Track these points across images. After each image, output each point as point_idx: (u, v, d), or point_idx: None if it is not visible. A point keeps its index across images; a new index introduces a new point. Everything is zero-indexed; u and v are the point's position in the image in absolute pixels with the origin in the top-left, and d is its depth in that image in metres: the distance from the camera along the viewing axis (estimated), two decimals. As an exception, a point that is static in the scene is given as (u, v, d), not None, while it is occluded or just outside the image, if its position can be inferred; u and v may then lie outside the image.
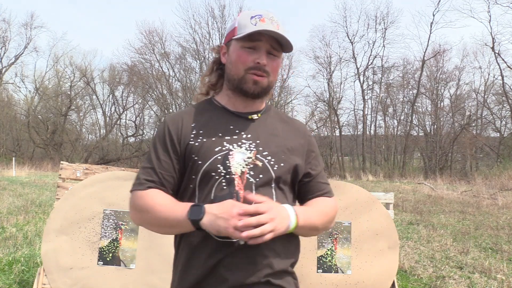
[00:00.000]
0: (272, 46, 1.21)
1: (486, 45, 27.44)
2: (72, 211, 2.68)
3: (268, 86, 1.24)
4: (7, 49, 31.56)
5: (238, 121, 1.25)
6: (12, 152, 29.45)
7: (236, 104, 1.27)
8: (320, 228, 1.25)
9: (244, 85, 1.22)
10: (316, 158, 1.33)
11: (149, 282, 2.61)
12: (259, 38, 1.19)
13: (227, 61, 1.26)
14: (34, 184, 12.95)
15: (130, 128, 34.23)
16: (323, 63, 31.35)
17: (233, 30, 1.23)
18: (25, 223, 6.28)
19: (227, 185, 1.16)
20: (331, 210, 1.29)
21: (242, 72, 1.21)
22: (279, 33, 1.18)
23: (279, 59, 1.25)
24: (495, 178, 15.67)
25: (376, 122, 31.23)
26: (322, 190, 1.31)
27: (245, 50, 1.20)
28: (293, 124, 1.34)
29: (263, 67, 1.20)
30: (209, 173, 1.17)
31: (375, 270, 2.73)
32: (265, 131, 1.25)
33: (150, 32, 30.87)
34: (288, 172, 1.23)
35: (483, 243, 5.84)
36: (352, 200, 2.81)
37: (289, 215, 1.13)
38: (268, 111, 1.32)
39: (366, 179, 21.42)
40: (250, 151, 1.20)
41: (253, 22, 1.19)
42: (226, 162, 1.18)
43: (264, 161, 1.20)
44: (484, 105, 28.90)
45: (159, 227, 1.18)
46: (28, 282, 3.65)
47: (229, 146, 1.20)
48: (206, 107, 1.29)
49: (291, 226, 1.12)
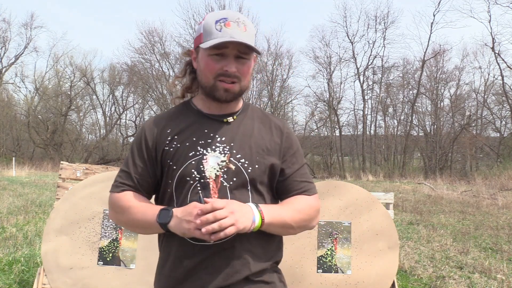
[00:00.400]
0: (239, 50, 1.18)
1: (486, 45, 27.47)
2: (72, 211, 2.68)
3: (240, 91, 1.23)
4: (7, 49, 31.61)
5: (213, 125, 1.24)
6: (12, 152, 29.46)
7: (211, 108, 1.26)
8: (294, 226, 1.22)
9: (216, 93, 1.21)
10: (294, 156, 1.29)
11: (149, 282, 2.61)
12: (225, 45, 1.16)
13: (198, 68, 1.25)
14: (34, 184, 12.95)
15: (130, 128, 34.26)
16: (323, 63, 31.38)
17: (199, 36, 1.21)
18: (25, 223, 6.28)
19: (201, 189, 1.18)
20: (307, 207, 1.25)
21: (212, 81, 1.20)
22: (242, 42, 1.15)
23: (250, 61, 1.22)
24: (495, 178, 15.68)
25: (376, 122, 31.27)
26: (299, 189, 1.27)
27: (212, 58, 1.18)
28: (270, 123, 1.31)
29: (232, 74, 1.18)
30: (184, 178, 1.19)
31: (375, 270, 2.73)
32: (240, 133, 1.24)
33: (150, 32, 30.89)
34: (263, 173, 1.22)
35: (483, 243, 5.84)
36: (352, 200, 2.81)
37: (252, 211, 1.12)
38: (245, 111, 1.31)
39: (366, 179, 21.42)
40: (224, 154, 1.20)
41: (217, 28, 1.16)
42: (200, 167, 1.19)
43: (237, 164, 1.20)
44: (484, 105, 28.91)
45: (134, 227, 1.23)
46: (28, 282, 3.65)
47: (203, 150, 1.20)
48: (183, 111, 1.30)
49: (256, 222, 1.12)
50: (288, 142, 1.30)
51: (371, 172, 24.32)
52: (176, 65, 31.20)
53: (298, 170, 1.29)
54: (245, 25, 1.18)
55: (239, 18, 1.18)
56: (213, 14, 1.20)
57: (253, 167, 1.21)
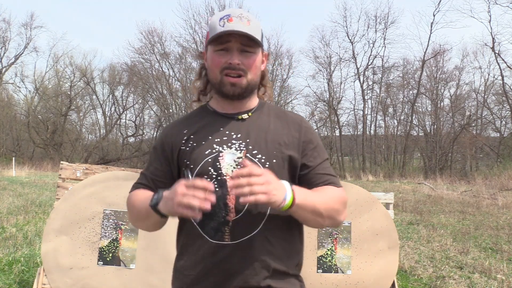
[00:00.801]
0: (243, 43, 1.18)
1: (486, 45, 27.48)
2: (72, 211, 2.68)
3: (248, 85, 1.22)
4: (7, 49, 31.62)
5: (228, 123, 1.25)
6: (12, 152, 29.45)
7: (224, 107, 1.27)
8: (324, 214, 1.14)
9: (223, 88, 1.22)
10: (315, 150, 1.26)
11: (149, 282, 2.61)
12: (228, 39, 1.17)
13: (207, 67, 1.27)
14: (34, 184, 12.95)
15: (130, 128, 34.29)
16: (323, 63, 31.37)
17: (207, 35, 1.24)
18: (25, 223, 6.28)
19: (219, 186, 1.16)
20: (336, 197, 1.19)
21: (219, 76, 1.21)
22: (242, 31, 1.15)
23: (255, 54, 1.21)
24: (495, 178, 15.66)
25: (376, 122, 31.26)
26: (324, 181, 1.22)
27: (217, 53, 1.20)
28: (287, 118, 1.29)
29: (236, 66, 1.18)
30: (201, 176, 1.18)
31: (375, 270, 2.73)
32: (256, 129, 1.24)
33: (150, 32, 30.89)
34: (282, 167, 1.20)
35: (483, 243, 5.84)
36: (352, 200, 2.81)
37: (285, 188, 1.06)
38: (261, 108, 1.30)
39: (366, 179, 21.42)
40: (240, 151, 1.20)
41: (221, 24, 1.17)
42: (217, 164, 1.18)
43: (254, 160, 1.18)
44: (484, 105, 28.91)
45: (139, 221, 1.23)
46: (28, 282, 3.65)
47: (219, 147, 1.20)
48: (199, 113, 1.31)
49: (287, 199, 1.04)
50: (308, 137, 1.27)
51: (371, 172, 24.31)
52: (176, 65, 31.25)
53: (320, 163, 1.25)
54: (249, 20, 1.18)
55: (241, 14, 1.19)
56: (218, 14, 1.22)
57: (271, 161, 1.19)
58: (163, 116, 31.69)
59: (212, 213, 1.13)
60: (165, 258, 2.56)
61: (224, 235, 1.14)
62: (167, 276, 2.62)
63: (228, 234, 1.14)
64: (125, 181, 2.75)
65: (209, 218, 1.14)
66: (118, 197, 2.72)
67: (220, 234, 1.14)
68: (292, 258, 1.22)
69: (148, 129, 34.22)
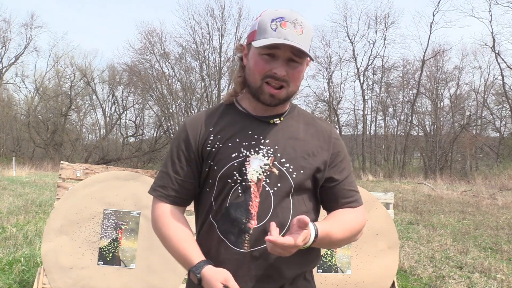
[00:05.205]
0: (292, 53, 1.11)
1: (486, 45, 27.48)
2: (72, 211, 2.69)
3: (287, 97, 1.17)
4: (7, 49, 31.61)
5: (258, 126, 1.20)
6: (12, 152, 29.45)
7: (256, 109, 1.22)
8: (340, 244, 1.21)
9: (261, 96, 1.16)
10: (343, 162, 1.25)
11: (149, 282, 2.62)
12: (278, 47, 1.10)
13: (247, 66, 1.20)
14: (34, 184, 12.95)
15: (130, 128, 34.27)
16: (323, 63, 31.38)
17: (253, 32, 1.16)
18: (25, 223, 6.28)
19: (242, 192, 1.14)
20: (356, 224, 1.22)
21: (259, 82, 1.15)
22: (295, 46, 1.08)
23: (302, 65, 1.15)
24: (495, 178, 15.67)
25: (376, 122, 31.28)
26: (348, 197, 1.23)
27: (262, 57, 1.13)
28: (317, 126, 1.25)
29: (281, 77, 1.12)
30: (225, 179, 1.16)
31: (375, 270, 2.73)
32: (285, 135, 1.20)
33: (150, 33, 30.91)
34: (308, 178, 1.18)
35: (483, 243, 5.85)
36: (352, 200, 2.82)
37: (310, 232, 1.08)
38: (292, 112, 1.26)
39: (366, 179, 21.41)
40: (268, 157, 1.16)
41: (273, 27, 1.10)
42: (243, 169, 1.15)
43: (281, 169, 1.16)
44: (484, 105, 28.90)
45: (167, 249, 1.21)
46: (28, 282, 3.65)
47: (247, 152, 1.16)
48: (227, 110, 1.25)
49: (310, 241, 1.09)
50: (336, 148, 1.24)
51: (371, 172, 24.30)
52: (176, 65, 31.25)
53: (347, 178, 1.25)
54: (302, 27, 1.11)
55: (296, 19, 1.11)
56: (271, 12, 1.14)
57: (298, 172, 1.16)
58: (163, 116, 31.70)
59: (234, 218, 1.14)
60: (165, 258, 2.56)
61: (244, 242, 1.14)
62: (167, 276, 2.64)
63: (248, 242, 1.14)
64: (125, 181, 2.75)
65: (231, 224, 1.14)
66: (118, 197, 2.72)
67: (240, 241, 1.14)
68: (308, 263, 1.23)
69: (148, 129, 34.25)
